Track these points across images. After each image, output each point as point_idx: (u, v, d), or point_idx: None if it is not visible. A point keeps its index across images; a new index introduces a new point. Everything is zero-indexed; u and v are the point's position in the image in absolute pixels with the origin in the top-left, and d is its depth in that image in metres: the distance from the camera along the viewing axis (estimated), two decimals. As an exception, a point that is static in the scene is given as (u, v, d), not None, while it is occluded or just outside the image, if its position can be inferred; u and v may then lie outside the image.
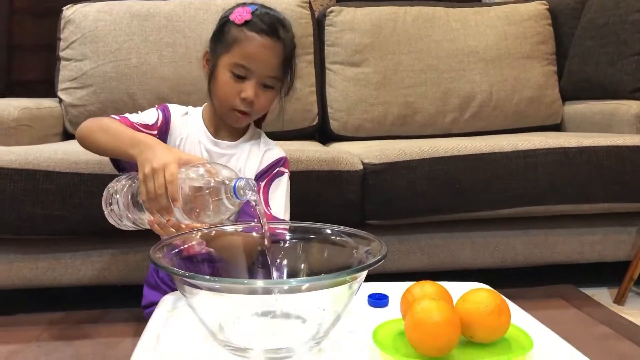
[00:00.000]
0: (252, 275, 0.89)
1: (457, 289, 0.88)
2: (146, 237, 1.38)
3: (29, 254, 1.46)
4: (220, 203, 0.85)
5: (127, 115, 1.16)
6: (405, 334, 0.73)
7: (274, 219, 1.17)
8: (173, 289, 1.03)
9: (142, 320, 1.28)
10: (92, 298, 1.62)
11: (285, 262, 0.89)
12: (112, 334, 1.41)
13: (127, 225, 1.06)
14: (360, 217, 1.56)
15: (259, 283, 0.66)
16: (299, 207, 1.25)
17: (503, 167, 1.57)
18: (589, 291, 1.73)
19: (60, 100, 1.95)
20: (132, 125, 1.12)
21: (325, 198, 1.51)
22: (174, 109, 1.22)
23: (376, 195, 1.54)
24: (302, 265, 0.89)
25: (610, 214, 1.68)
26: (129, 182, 1.04)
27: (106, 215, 1.07)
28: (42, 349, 1.32)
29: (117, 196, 1.04)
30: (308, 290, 0.69)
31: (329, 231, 0.88)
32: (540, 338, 0.78)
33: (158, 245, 0.79)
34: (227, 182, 0.85)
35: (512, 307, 0.85)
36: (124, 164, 1.16)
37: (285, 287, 0.68)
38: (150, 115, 1.18)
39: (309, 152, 1.52)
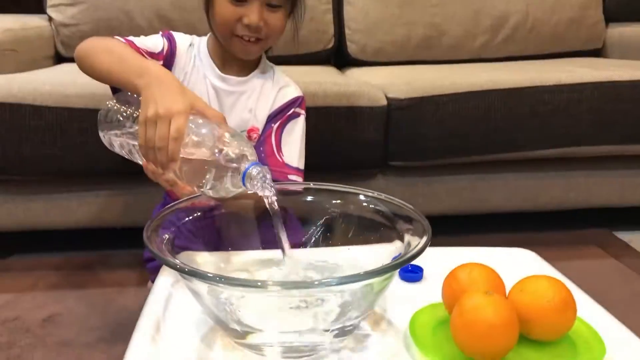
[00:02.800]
0: (264, 231, 0.77)
1: (503, 260, 0.76)
2: (146, 177, 1.29)
3: (20, 194, 1.35)
4: (223, 182, 0.70)
5: (131, 38, 0.99)
6: (452, 333, 0.61)
7: (286, 167, 1.05)
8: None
9: (144, 265, 1.19)
10: (93, 240, 1.52)
11: (301, 227, 0.77)
12: (113, 282, 1.31)
13: (120, 152, 0.91)
14: (382, 157, 1.43)
15: (275, 286, 0.53)
16: (314, 146, 1.12)
17: (543, 103, 1.41)
18: (625, 236, 1.61)
19: (50, 19, 1.76)
20: (138, 52, 0.95)
21: (344, 137, 1.37)
22: (180, 38, 1.05)
23: (401, 134, 1.40)
24: (326, 234, 0.76)
25: (658, 154, 1.53)
26: (131, 109, 0.86)
27: (99, 134, 0.92)
28: (38, 299, 1.23)
29: (114, 122, 0.88)
30: (338, 284, 0.55)
31: (361, 197, 0.74)
32: (613, 337, 0.64)
33: (153, 220, 0.65)
34: (238, 163, 0.69)
35: (578, 293, 0.72)
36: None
37: (310, 289, 0.54)
38: (156, 43, 1.02)
39: (325, 84, 1.36)
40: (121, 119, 0.87)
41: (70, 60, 1.74)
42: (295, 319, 0.59)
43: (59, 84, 1.27)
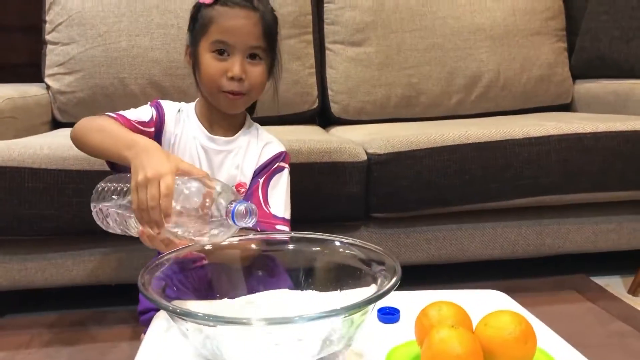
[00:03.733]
0: (251, 279, 0.83)
1: (474, 301, 0.82)
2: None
3: (17, 254, 1.40)
4: (215, 226, 0.77)
5: (123, 112, 1.08)
6: None
7: (273, 218, 1.11)
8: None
9: (138, 320, 1.22)
10: (86, 298, 1.55)
11: (287, 275, 0.84)
12: (107, 338, 1.34)
13: (114, 229, 0.99)
14: (364, 210, 1.49)
15: (260, 322, 0.59)
16: (299, 201, 1.18)
17: (515, 155, 1.50)
18: (602, 281, 1.67)
19: (48, 87, 1.86)
20: (129, 124, 1.05)
21: (327, 191, 1.44)
22: (167, 106, 1.14)
23: (381, 187, 1.47)
24: (308, 280, 0.82)
25: (627, 201, 1.61)
26: (120, 185, 0.95)
27: (93, 216, 1.00)
28: (32, 356, 1.26)
29: (106, 200, 0.96)
30: (318, 318, 0.61)
31: (337, 243, 0.81)
32: (570, 364, 0.70)
33: (147, 268, 0.71)
34: (226, 205, 0.77)
35: (538, 325, 0.78)
36: (119, 167, 1.07)
37: (291, 324, 0.60)
38: (145, 112, 1.11)
39: (309, 142, 1.44)
40: (113, 196, 0.95)
41: (67, 125, 1.84)
42: (281, 355, 0.64)
43: (56, 147, 1.34)
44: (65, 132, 1.70)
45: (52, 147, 1.34)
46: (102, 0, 1.85)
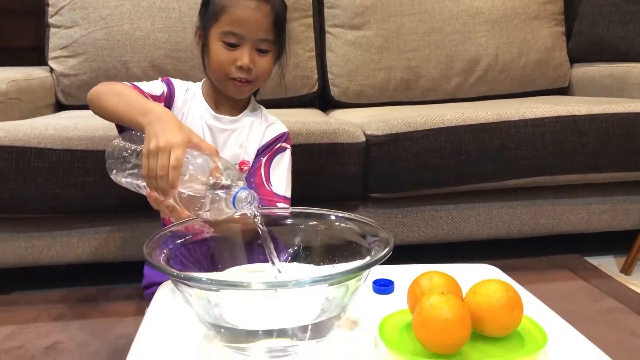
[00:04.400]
0: (252, 252, 0.86)
1: (466, 273, 0.85)
2: (143, 214, 1.37)
3: (24, 232, 1.43)
4: (216, 205, 0.80)
5: (136, 83, 1.11)
6: (413, 330, 0.70)
7: (275, 196, 1.15)
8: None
9: (143, 297, 1.27)
10: (92, 275, 1.60)
11: (286, 247, 0.88)
12: (113, 313, 1.39)
13: (127, 186, 1.01)
14: (362, 190, 1.52)
15: (260, 285, 0.62)
16: (299, 181, 1.22)
17: (510, 137, 1.52)
18: (595, 260, 1.71)
19: (51, 70, 1.88)
20: (143, 94, 1.07)
21: (326, 171, 1.47)
22: (177, 84, 1.18)
23: (379, 168, 1.50)
24: (306, 253, 0.86)
25: (620, 182, 1.64)
26: (134, 145, 0.97)
27: (107, 171, 1.02)
28: (40, 330, 1.30)
29: (120, 157, 0.98)
30: (312, 284, 0.64)
31: (332, 217, 0.84)
32: (555, 330, 0.74)
33: (152, 238, 0.75)
34: (229, 189, 0.79)
35: (525, 295, 0.82)
36: (127, 130, 1.09)
37: (288, 288, 0.64)
38: (157, 87, 1.14)
39: (309, 124, 1.47)
40: (127, 154, 0.97)
41: (70, 107, 1.88)
42: (280, 319, 0.68)
43: (62, 128, 1.37)
44: (70, 114, 1.75)
45: (57, 127, 1.37)
46: (105, -17, 1.87)
